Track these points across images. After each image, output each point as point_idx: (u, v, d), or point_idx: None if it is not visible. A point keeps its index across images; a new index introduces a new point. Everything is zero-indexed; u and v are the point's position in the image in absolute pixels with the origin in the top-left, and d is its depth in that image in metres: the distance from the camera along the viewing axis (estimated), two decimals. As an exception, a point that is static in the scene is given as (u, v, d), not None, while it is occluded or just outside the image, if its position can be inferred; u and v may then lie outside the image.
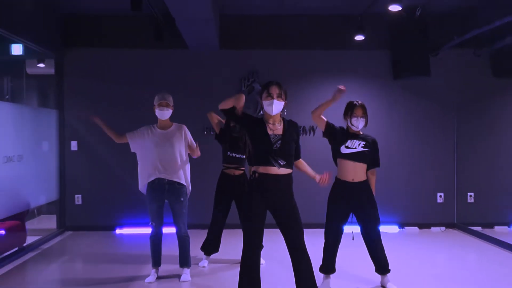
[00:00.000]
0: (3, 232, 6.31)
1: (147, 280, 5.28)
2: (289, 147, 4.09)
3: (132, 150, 5.39)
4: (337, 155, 4.92)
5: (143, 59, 8.10)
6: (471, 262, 6.52)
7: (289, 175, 4.10)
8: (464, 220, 8.24)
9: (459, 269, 5.94)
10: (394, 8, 5.95)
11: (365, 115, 4.89)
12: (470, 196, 8.31)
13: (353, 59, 8.21)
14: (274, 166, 4.00)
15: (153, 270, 5.37)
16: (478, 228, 7.92)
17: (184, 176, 5.27)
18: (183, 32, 6.90)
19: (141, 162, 5.32)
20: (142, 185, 5.34)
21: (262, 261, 5.71)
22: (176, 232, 5.29)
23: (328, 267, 4.96)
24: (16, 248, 6.51)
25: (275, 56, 8.17)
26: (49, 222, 8.16)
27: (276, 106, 4.05)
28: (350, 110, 4.93)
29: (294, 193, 4.15)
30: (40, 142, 7.40)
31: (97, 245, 7.19)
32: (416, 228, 8.22)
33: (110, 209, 8.03)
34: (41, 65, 8.55)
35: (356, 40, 7.72)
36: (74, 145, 8.03)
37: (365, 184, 4.89)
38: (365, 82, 8.23)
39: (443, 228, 8.21)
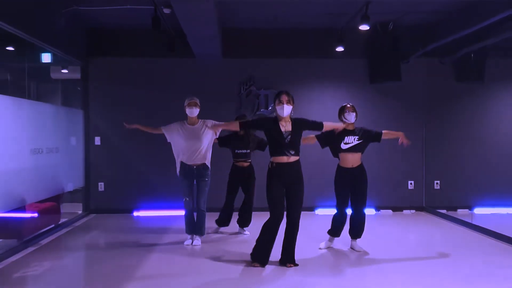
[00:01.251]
0: (36, 214, 7.27)
1: (185, 243, 6.53)
2: (297, 140, 5.36)
3: (168, 141, 6.51)
4: (337, 150, 6.08)
5: (157, 67, 9.07)
6: (437, 238, 7.26)
7: (298, 161, 5.38)
8: (432, 204, 9.19)
9: (426, 244, 6.76)
10: (364, 27, 7.10)
11: (354, 110, 6.04)
12: (437, 183, 9.27)
13: (335, 66, 9.19)
14: (286, 155, 5.29)
15: (188, 236, 6.61)
16: (443, 211, 8.78)
17: (208, 160, 6.46)
18: (192, 46, 7.94)
19: (175, 151, 6.48)
20: (178, 170, 6.50)
21: (247, 232, 7.16)
22: (196, 206, 6.49)
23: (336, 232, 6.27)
24: (53, 225, 7.65)
25: (269, 64, 9.13)
26: (73, 209, 9.04)
27: (286, 110, 5.31)
28: (342, 109, 6.06)
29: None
30: (69, 137, 8.46)
31: (118, 224, 8.22)
32: (390, 211, 9.19)
33: (128, 194, 9.02)
34: (65, 70, 9.56)
35: (337, 50, 8.68)
36: (97, 140, 9.05)
37: (361, 168, 6.11)
38: (346, 86, 9.23)
39: (413, 211, 9.16)
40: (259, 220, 6.09)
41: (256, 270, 5.39)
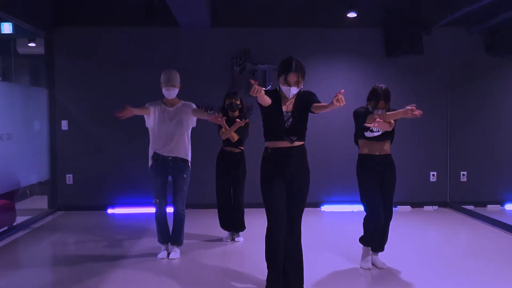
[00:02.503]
0: None
1: (159, 256, 5.34)
2: (301, 122, 4.19)
3: (147, 125, 5.35)
4: (360, 137, 5.07)
5: (134, 37, 8.13)
6: (463, 240, 6.58)
7: (302, 146, 4.21)
8: (457, 199, 8.33)
9: (450, 247, 6.01)
10: None
11: (387, 104, 5.02)
12: (463, 174, 8.38)
13: (346, 37, 8.27)
14: (285, 141, 4.12)
15: (163, 247, 5.43)
16: (471, 207, 7.96)
17: (186, 153, 5.33)
18: (173, 8, 6.86)
19: (151, 138, 5.35)
20: (150, 162, 5.37)
21: (240, 239, 6.09)
22: (174, 206, 5.32)
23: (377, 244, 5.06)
24: (6, 228, 6.50)
25: (267, 34, 8.19)
26: (42, 203, 8.19)
27: (293, 92, 4.16)
28: (374, 100, 4.98)
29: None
30: (30, 121, 7.40)
31: (89, 224, 7.20)
32: (409, 207, 8.29)
33: (101, 189, 8.09)
34: (32, 44, 8.59)
35: (348, 17, 7.80)
36: (64, 124, 8.07)
37: (390, 157, 5.14)
38: (358, 60, 8.31)
39: (435, 207, 8.29)
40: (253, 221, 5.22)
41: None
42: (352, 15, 7.70)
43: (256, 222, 5.73)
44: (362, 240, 5.06)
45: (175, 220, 5.34)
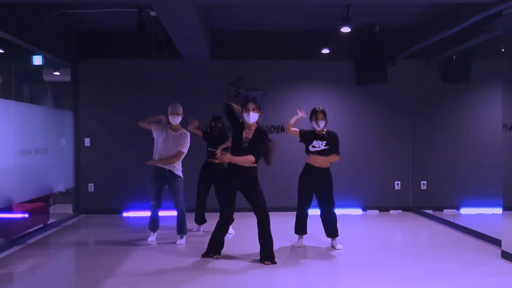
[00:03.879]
0: (23, 214, 7.32)
1: (149, 239, 6.76)
2: (253, 148, 5.54)
3: (154, 136, 6.67)
4: (307, 151, 6.31)
5: (146, 68, 9.10)
6: (423, 238, 7.31)
7: (254, 168, 5.61)
8: (418, 204, 9.16)
9: (412, 244, 6.80)
10: (345, 29, 7.10)
11: (325, 117, 6.20)
12: (423, 183, 9.20)
13: (322, 68, 9.20)
14: None
15: (152, 233, 6.82)
16: (430, 211, 8.73)
17: (179, 168, 6.66)
18: (179, 47, 8.02)
19: (154, 149, 6.63)
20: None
21: (231, 231, 7.16)
22: (175, 207, 6.62)
23: (301, 229, 6.38)
24: (42, 225, 7.72)
25: (257, 65, 9.16)
26: (64, 210, 9.10)
27: (252, 117, 5.53)
28: (314, 114, 6.23)
29: (263, 181, 5.80)
30: (59, 138, 8.53)
31: (107, 224, 8.26)
32: (377, 211, 9.20)
33: (118, 195, 9.05)
34: (57, 73, 9.56)
35: (322, 52, 8.75)
36: (87, 142, 9.10)
37: (327, 170, 6.26)
38: (333, 88, 9.25)
39: (399, 211, 9.16)
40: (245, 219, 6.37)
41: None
42: (325, 51, 8.66)
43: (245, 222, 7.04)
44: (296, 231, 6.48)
45: (178, 217, 6.66)
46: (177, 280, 5.07)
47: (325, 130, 6.30)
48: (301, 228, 6.43)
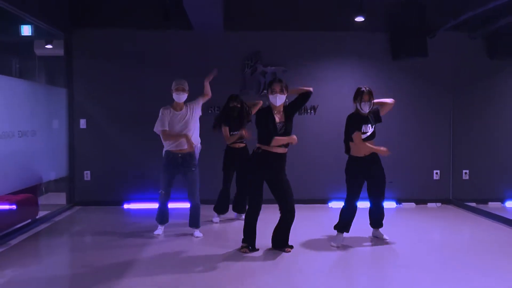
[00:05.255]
0: (14, 206, 6.44)
1: (155, 232, 6.13)
2: (290, 130, 5.31)
3: (155, 130, 5.93)
4: (351, 139, 5.61)
5: (150, 39, 8.19)
6: (466, 234, 6.65)
7: (285, 154, 5.35)
8: (459, 196, 8.41)
9: (454, 241, 6.16)
10: None
11: (371, 98, 5.55)
12: (465, 173, 8.45)
13: (354, 41, 8.32)
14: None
15: (159, 226, 6.18)
16: (473, 204, 8.05)
17: (196, 141, 5.99)
18: (189, 13, 7.00)
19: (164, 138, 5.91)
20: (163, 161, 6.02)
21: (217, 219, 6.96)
22: (190, 200, 5.96)
23: (346, 225, 5.78)
24: (29, 220, 6.71)
25: (278, 37, 8.26)
26: (58, 200, 8.30)
27: (279, 99, 5.21)
28: (359, 95, 5.57)
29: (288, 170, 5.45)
30: (50, 119, 7.57)
31: (106, 218, 7.34)
32: (413, 203, 8.37)
33: (118, 184, 8.19)
34: (49, 46, 8.67)
35: (356, 21, 7.86)
36: (83, 123, 8.18)
37: (375, 156, 5.66)
38: (365, 63, 8.36)
39: (439, 204, 8.37)
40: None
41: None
42: (360, 19, 7.75)
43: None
44: (337, 226, 5.83)
45: (193, 209, 6.03)
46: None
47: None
48: (345, 224, 5.79)
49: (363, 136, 5.54)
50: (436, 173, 8.50)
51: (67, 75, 8.19)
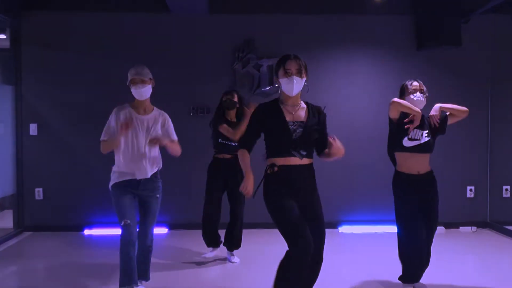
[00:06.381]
0: None
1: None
2: (311, 135, 3.70)
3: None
4: (396, 148, 4.60)
5: (115, 23, 7.26)
6: (507, 266, 5.78)
7: (311, 165, 3.72)
8: (499, 218, 7.55)
9: (492, 275, 5.35)
10: None
11: (422, 92, 4.64)
12: (506, 190, 7.56)
13: (371, 25, 7.50)
14: (295, 157, 3.61)
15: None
16: None
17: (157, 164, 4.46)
18: None
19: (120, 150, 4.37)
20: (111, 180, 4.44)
21: (235, 259, 5.73)
22: (139, 238, 4.43)
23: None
24: None
25: (276, 22, 7.37)
26: (3, 222, 7.31)
27: (296, 85, 3.62)
28: (407, 90, 4.66)
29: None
30: None
31: (61, 248, 6.35)
32: (442, 227, 7.38)
33: (77, 205, 7.18)
34: (2, 36, 7.54)
35: (374, 1, 7.07)
36: (33, 128, 7.14)
37: (431, 175, 4.59)
38: (385, 53, 7.52)
39: (474, 228, 7.43)
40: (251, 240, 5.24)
41: None
42: None
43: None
44: (402, 278, 4.66)
45: (142, 253, 4.48)
46: None
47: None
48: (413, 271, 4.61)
49: (410, 144, 4.47)
50: (470, 190, 7.60)
51: (14, 70, 7.10)
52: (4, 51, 7.44)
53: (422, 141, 4.48)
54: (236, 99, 5.61)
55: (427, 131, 4.53)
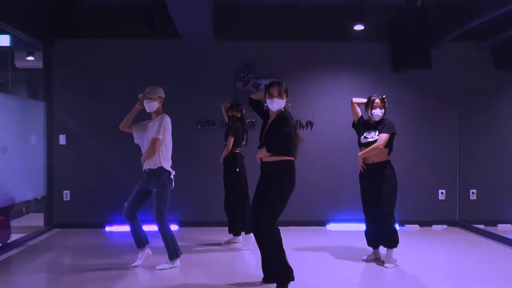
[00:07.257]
0: None
1: (132, 264, 5.40)
2: (270, 137, 4.58)
3: (135, 142, 5.45)
4: (359, 143, 5.65)
5: (134, 49, 7.76)
6: (474, 260, 6.14)
7: (273, 162, 4.57)
8: (466, 217, 7.90)
9: (461, 267, 5.67)
10: None
11: (384, 106, 5.56)
12: (473, 193, 7.98)
13: (352, 51, 7.89)
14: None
15: (140, 253, 5.48)
16: (481, 226, 7.56)
17: (160, 161, 5.23)
18: (175, 19, 6.52)
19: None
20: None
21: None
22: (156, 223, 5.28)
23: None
24: (0, 245, 6.16)
25: (271, 47, 7.83)
26: (38, 221, 7.77)
27: (276, 104, 4.58)
28: (370, 103, 5.54)
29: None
30: (26, 135, 7.04)
31: (85, 242, 6.79)
32: (417, 226, 7.87)
33: (99, 206, 7.66)
34: (31, 58, 8.27)
35: (355, 30, 7.42)
36: (62, 139, 7.68)
37: (382, 164, 5.50)
38: (364, 74, 7.92)
39: (444, 226, 7.87)
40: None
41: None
42: (359, 27, 7.28)
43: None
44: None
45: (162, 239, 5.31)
46: None
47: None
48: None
49: (365, 141, 5.58)
50: (442, 192, 8.00)
51: (46, 88, 7.68)
52: (37, 71, 8.08)
53: (372, 139, 5.50)
54: (239, 115, 6.32)
55: (376, 132, 5.52)
